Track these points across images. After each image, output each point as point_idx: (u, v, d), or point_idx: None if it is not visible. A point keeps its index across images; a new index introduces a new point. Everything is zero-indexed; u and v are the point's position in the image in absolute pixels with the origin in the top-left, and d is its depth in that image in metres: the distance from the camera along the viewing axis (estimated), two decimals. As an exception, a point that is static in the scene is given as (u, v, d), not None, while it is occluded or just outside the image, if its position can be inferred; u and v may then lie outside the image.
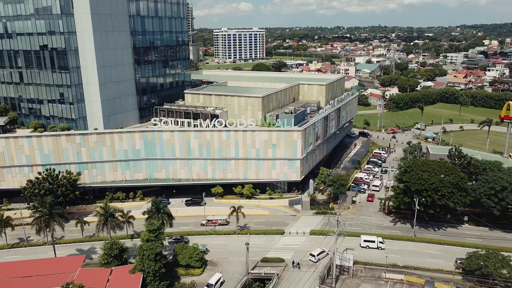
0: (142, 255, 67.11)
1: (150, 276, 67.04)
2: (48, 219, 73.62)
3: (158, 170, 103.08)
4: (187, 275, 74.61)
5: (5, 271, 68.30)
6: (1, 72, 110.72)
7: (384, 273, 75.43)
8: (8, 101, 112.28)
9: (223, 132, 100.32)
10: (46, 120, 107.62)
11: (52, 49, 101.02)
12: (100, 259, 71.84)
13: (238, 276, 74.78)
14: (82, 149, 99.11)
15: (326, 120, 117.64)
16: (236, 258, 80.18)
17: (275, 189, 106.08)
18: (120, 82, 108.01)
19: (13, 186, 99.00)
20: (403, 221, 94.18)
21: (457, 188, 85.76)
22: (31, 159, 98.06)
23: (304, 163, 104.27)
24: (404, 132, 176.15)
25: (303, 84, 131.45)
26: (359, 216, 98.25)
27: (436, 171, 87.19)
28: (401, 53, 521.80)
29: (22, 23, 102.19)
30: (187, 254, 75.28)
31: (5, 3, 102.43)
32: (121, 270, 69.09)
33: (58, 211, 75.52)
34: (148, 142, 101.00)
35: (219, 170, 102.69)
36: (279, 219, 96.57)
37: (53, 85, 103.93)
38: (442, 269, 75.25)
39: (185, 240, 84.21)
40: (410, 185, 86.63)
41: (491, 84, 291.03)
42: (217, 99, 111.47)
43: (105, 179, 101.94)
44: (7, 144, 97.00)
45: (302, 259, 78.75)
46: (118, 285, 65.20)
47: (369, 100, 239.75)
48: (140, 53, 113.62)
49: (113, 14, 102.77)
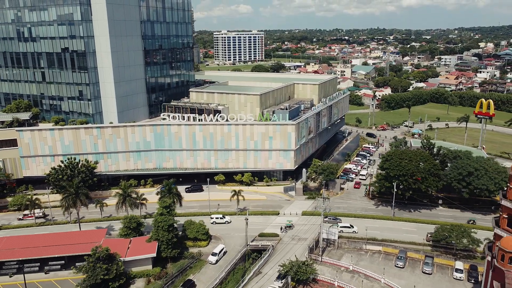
0: (157, 226, 78.89)
1: (164, 244, 78.80)
2: (75, 197, 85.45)
3: (166, 160, 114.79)
4: (195, 247, 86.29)
5: (42, 240, 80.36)
6: (25, 72, 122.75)
7: (365, 245, 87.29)
8: (31, 98, 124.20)
9: (225, 126, 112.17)
10: (66, 115, 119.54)
11: (72, 51, 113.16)
12: (120, 231, 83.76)
13: (238, 247, 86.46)
14: (99, 140, 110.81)
15: (318, 116, 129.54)
16: (236, 234, 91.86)
17: (271, 177, 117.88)
18: (132, 81, 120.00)
19: (36, 174, 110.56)
20: (385, 204, 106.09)
21: (430, 174, 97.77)
22: (53, 149, 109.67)
23: (298, 154, 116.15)
24: (394, 129, 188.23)
25: (298, 83, 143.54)
26: (346, 200, 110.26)
27: (412, 159, 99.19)
28: (397, 56, 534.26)
29: (46, 28, 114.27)
30: (194, 228, 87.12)
31: (30, 11, 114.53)
32: (139, 240, 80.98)
33: (83, 191, 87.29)
34: (158, 135, 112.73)
35: (221, 160, 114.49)
36: (275, 203, 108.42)
37: (73, 84, 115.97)
38: (415, 242, 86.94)
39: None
40: (390, 171, 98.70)
41: (481, 85, 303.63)
42: (219, 96, 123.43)
43: (118, 168, 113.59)
44: (32, 136, 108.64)
45: (294, 232, 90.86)
46: (137, 251, 77.07)
47: (362, 100, 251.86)
48: (150, 55, 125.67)
49: (127, 20, 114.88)
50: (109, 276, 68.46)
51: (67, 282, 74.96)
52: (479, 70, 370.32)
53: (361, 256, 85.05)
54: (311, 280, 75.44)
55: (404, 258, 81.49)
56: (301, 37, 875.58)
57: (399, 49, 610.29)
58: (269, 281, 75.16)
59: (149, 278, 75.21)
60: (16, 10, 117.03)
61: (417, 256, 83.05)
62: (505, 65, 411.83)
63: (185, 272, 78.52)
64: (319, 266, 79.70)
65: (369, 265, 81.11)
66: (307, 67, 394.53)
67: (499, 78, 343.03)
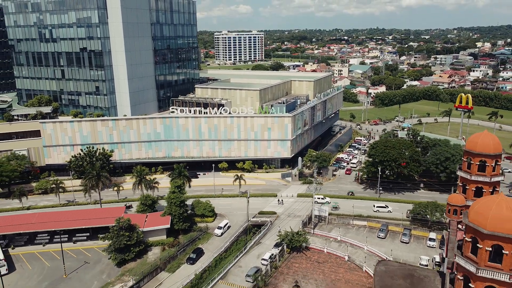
0: (170, 203, 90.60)
1: (176, 218, 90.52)
2: (97, 179, 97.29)
3: (175, 149, 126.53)
4: (202, 222, 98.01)
5: (70, 215, 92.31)
6: (45, 70, 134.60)
7: (352, 220, 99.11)
8: (51, 94, 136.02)
9: (228, 118, 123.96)
10: (83, 109, 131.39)
11: (90, 51, 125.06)
12: (137, 208, 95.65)
13: (240, 223, 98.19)
14: (114, 131, 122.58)
15: (313, 110, 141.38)
16: (239, 212, 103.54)
17: (270, 164, 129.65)
18: (143, 78, 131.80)
19: (58, 162, 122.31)
20: (372, 187, 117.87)
21: (411, 160, 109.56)
22: (73, 139, 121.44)
23: (294, 144, 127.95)
24: (385, 124, 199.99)
25: (295, 80, 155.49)
26: (338, 185, 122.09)
27: (396, 147, 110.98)
28: (394, 55, 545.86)
29: (66, 29, 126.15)
30: (202, 206, 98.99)
31: (51, 14, 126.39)
32: (154, 215, 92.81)
33: (104, 174, 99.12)
34: (167, 127, 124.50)
35: (224, 149, 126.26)
36: (273, 187, 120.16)
37: (90, 80, 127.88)
38: (396, 218, 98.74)
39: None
40: (376, 157, 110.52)
41: (472, 83, 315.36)
42: (223, 92, 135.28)
43: (131, 157, 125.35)
44: (54, 128, 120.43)
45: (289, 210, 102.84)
46: (153, 223, 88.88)
47: (358, 98, 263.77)
48: (159, 54, 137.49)
49: (139, 22, 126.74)
50: (130, 242, 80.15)
51: (93, 249, 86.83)
52: (472, 69, 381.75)
53: (348, 229, 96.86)
54: (304, 247, 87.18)
55: (386, 230, 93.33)
56: (301, 37, 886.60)
57: (397, 49, 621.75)
58: (268, 249, 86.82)
59: (164, 246, 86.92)
60: (38, 14, 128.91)
61: (397, 229, 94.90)
62: (499, 64, 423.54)
63: (194, 242, 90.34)
64: (311, 238, 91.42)
65: (355, 236, 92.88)
66: (305, 66, 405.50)
67: (491, 76, 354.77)
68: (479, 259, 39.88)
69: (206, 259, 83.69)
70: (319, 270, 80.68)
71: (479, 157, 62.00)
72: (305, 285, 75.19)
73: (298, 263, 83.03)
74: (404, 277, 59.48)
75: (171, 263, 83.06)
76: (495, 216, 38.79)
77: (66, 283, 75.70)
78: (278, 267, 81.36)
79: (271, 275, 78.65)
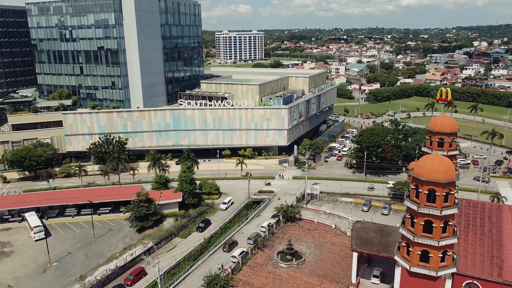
0: (181, 180, 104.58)
1: (187, 194, 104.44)
2: (117, 161, 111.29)
3: (183, 138, 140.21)
4: (209, 199, 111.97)
5: (94, 192, 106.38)
6: (65, 67, 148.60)
7: (340, 197, 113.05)
8: (70, 88, 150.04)
9: (230, 110, 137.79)
10: (100, 101, 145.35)
11: (107, 49, 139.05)
12: (152, 186, 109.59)
13: (242, 200, 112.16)
14: (128, 122, 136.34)
15: (308, 103, 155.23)
16: (241, 191, 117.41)
17: (268, 152, 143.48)
18: (154, 74, 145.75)
19: (77, 149, 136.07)
20: (360, 171, 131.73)
21: (394, 146, 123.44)
22: (91, 129, 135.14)
23: (290, 133, 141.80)
24: (377, 118, 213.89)
25: (291, 76, 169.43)
26: (329, 169, 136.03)
27: (380, 134, 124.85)
28: (391, 54, 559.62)
29: (85, 30, 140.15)
30: (208, 186, 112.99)
31: (72, 16, 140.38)
32: (167, 191, 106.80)
33: (123, 157, 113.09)
34: (176, 117, 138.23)
35: (227, 137, 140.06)
36: (271, 171, 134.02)
37: (107, 76, 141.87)
38: (379, 195, 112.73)
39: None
40: (362, 143, 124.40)
41: (463, 80, 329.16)
42: (225, 86, 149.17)
43: (144, 145, 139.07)
44: (74, 118, 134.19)
45: (285, 189, 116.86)
46: (167, 198, 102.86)
47: (352, 94, 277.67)
48: (168, 52, 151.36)
49: (150, 24, 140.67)
50: (149, 212, 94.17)
51: (115, 220, 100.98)
52: (465, 67, 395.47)
53: (337, 205, 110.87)
54: (297, 218, 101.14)
55: (369, 205, 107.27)
56: (300, 37, 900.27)
57: (394, 48, 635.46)
58: (266, 220, 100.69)
59: (177, 217, 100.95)
60: (59, 16, 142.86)
61: (379, 204, 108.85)
62: (491, 63, 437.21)
63: (202, 215, 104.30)
64: (304, 211, 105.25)
65: (342, 210, 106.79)
66: (304, 65, 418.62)
67: (483, 74, 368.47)
68: (420, 200, 53.46)
69: (213, 228, 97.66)
70: (309, 235, 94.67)
71: (438, 135, 75.94)
72: (297, 246, 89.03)
73: (292, 230, 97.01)
74: (376, 231, 73.21)
75: (183, 230, 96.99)
76: (430, 168, 52.32)
77: (96, 245, 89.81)
78: (275, 233, 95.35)
79: (269, 239, 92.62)
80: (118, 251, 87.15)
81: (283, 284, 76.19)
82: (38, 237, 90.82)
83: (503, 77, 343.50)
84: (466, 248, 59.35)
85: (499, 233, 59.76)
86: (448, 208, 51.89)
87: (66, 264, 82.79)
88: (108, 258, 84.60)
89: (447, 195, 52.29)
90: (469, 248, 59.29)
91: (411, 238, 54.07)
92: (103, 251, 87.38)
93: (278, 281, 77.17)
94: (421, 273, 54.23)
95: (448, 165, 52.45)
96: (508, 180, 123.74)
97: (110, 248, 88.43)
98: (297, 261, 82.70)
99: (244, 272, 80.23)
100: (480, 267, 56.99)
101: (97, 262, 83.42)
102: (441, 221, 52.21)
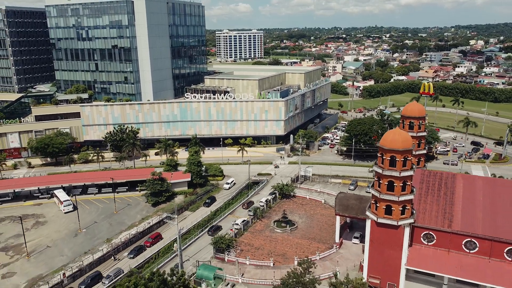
0: (190, 163, 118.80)
1: (194, 175, 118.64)
2: (132, 146, 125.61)
3: (189, 128, 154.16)
4: (214, 180, 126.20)
5: (113, 174, 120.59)
6: (81, 64, 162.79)
7: (330, 179, 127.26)
8: (85, 83, 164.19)
9: (232, 103, 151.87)
10: (114, 95, 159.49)
11: (120, 47, 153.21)
12: (164, 168, 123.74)
13: (243, 181, 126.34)
14: (139, 113, 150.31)
15: (303, 97, 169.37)
16: (242, 174, 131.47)
17: (267, 140, 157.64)
18: (162, 70, 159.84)
19: (94, 138, 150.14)
20: (349, 158, 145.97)
21: (380, 134, 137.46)
22: (106, 120, 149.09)
23: (287, 124, 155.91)
24: (369, 112, 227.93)
25: (288, 72, 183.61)
26: (322, 156, 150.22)
27: (367, 123, 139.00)
28: (387, 52, 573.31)
29: (100, 30, 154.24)
30: (213, 168, 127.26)
31: (88, 17, 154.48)
32: (177, 173, 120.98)
33: (138, 143, 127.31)
34: (182, 109, 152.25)
35: (229, 128, 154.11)
36: (269, 158, 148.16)
37: (120, 72, 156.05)
38: (365, 177, 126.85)
39: None
40: (351, 132, 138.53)
41: (454, 77, 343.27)
42: (228, 81, 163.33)
43: (153, 134, 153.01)
44: (91, 110, 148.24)
45: (281, 172, 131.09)
46: (177, 178, 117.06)
47: (347, 90, 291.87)
48: (175, 51, 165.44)
49: (160, 24, 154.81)
50: (162, 188, 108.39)
51: (132, 197, 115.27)
52: (458, 65, 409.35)
53: (327, 185, 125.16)
54: (291, 195, 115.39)
55: (355, 184, 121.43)
56: (299, 36, 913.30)
57: (391, 46, 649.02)
58: (264, 197, 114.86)
59: (186, 194, 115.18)
60: (76, 17, 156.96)
61: (363, 184, 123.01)
62: (484, 61, 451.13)
63: (208, 193, 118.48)
64: (298, 190, 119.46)
65: (332, 189, 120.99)
66: (302, 63, 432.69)
67: (475, 72, 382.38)
68: (384, 165, 67.49)
69: (218, 203, 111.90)
70: (302, 208, 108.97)
71: (409, 119, 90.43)
72: (291, 217, 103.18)
73: (287, 205, 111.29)
74: (355, 199, 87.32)
75: (192, 206, 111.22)
76: (391, 139, 66.27)
77: (117, 216, 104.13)
78: (272, 207, 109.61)
79: (267, 211, 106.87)
80: (137, 221, 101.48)
81: (278, 245, 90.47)
82: (67, 210, 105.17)
83: (494, 74, 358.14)
84: (425, 207, 73.46)
85: (452, 195, 73.88)
86: (406, 171, 66.02)
87: (94, 231, 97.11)
88: (129, 226, 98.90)
89: (405, 161, 66.41)
90: (427, 207, 73.43)
91: (378, 196, 68.16)
92: (124, 221, 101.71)
93: (274, 243, 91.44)
94: (386, 223, 68.29)
95: (406, 136, 66.63)
96: (481, 164, 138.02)
97: (129, 219, 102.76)
98: (291, 228, 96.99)
99: (245, 236, 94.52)
100: (435, 221, 71.09)
101: (120, 229, 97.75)
102: (400, 181, 66.32)
